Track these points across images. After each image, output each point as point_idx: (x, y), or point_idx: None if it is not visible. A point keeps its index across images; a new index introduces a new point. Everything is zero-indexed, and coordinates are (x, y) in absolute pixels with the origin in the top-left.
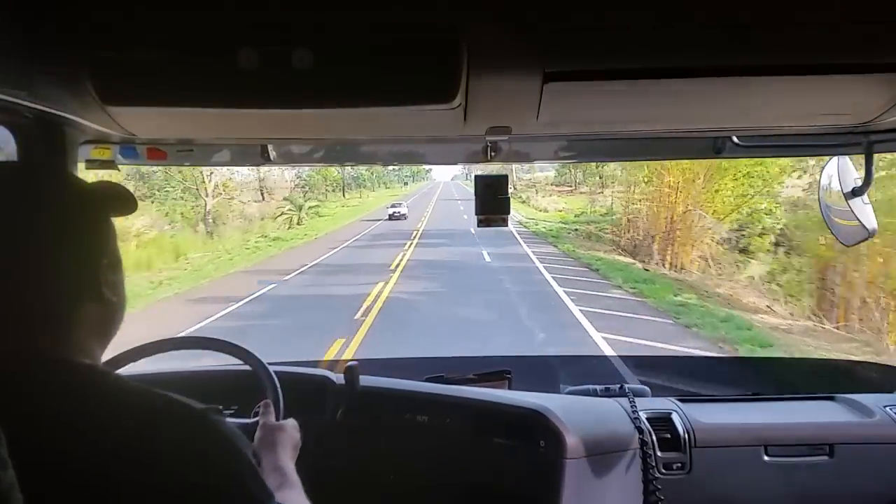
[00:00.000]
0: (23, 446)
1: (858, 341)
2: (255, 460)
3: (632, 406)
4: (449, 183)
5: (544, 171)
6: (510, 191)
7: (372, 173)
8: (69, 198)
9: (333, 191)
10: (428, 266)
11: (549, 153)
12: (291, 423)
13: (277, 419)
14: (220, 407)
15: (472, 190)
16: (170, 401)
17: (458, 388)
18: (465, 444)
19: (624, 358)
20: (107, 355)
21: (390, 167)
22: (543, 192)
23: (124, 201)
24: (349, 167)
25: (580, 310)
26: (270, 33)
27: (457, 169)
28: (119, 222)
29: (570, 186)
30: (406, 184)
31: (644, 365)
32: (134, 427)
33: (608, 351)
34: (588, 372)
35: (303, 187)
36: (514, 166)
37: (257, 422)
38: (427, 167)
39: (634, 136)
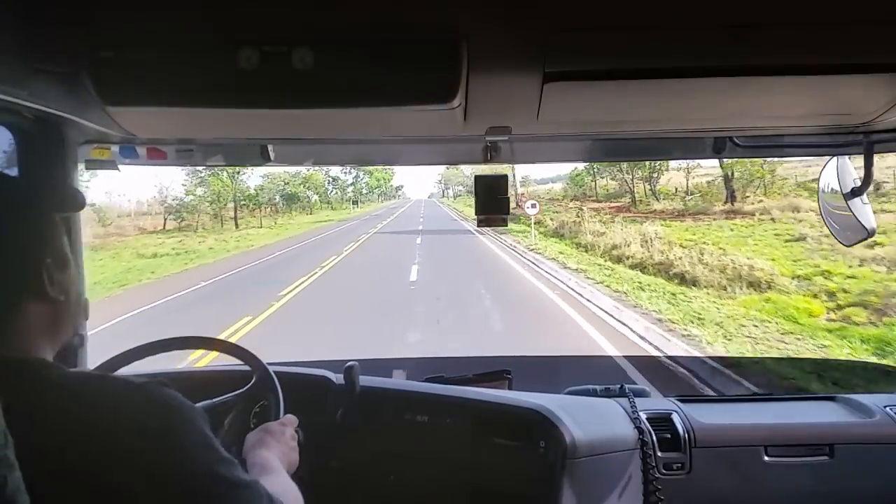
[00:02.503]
0: None
1: None
2: (211, 432)
3: (632, 406)
4: (421, 202)
5: (533, 184)
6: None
7: (307, 188)
8: (4, 197)
9: (215, 217)
10: None
11: (548, 153)
12: (277, 421)
13: (278, 418)
14: (167, 382)
15: (448, 211)
16: (108, 379)
17: (458, 388)
18: (465, 445)
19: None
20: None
21: (349, 182)
22: (597, 215)
23: (68, 199)
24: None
25: None
26: (270, 33)
27: (432, 184)
28: None
29: (606, 200)
30: (356, 203)
31: (645, 366)
32: (73, 408)
33: None
34: (588, 372)
35: (176, 213)
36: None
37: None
38: (396, 184)
39: (634, 136)
